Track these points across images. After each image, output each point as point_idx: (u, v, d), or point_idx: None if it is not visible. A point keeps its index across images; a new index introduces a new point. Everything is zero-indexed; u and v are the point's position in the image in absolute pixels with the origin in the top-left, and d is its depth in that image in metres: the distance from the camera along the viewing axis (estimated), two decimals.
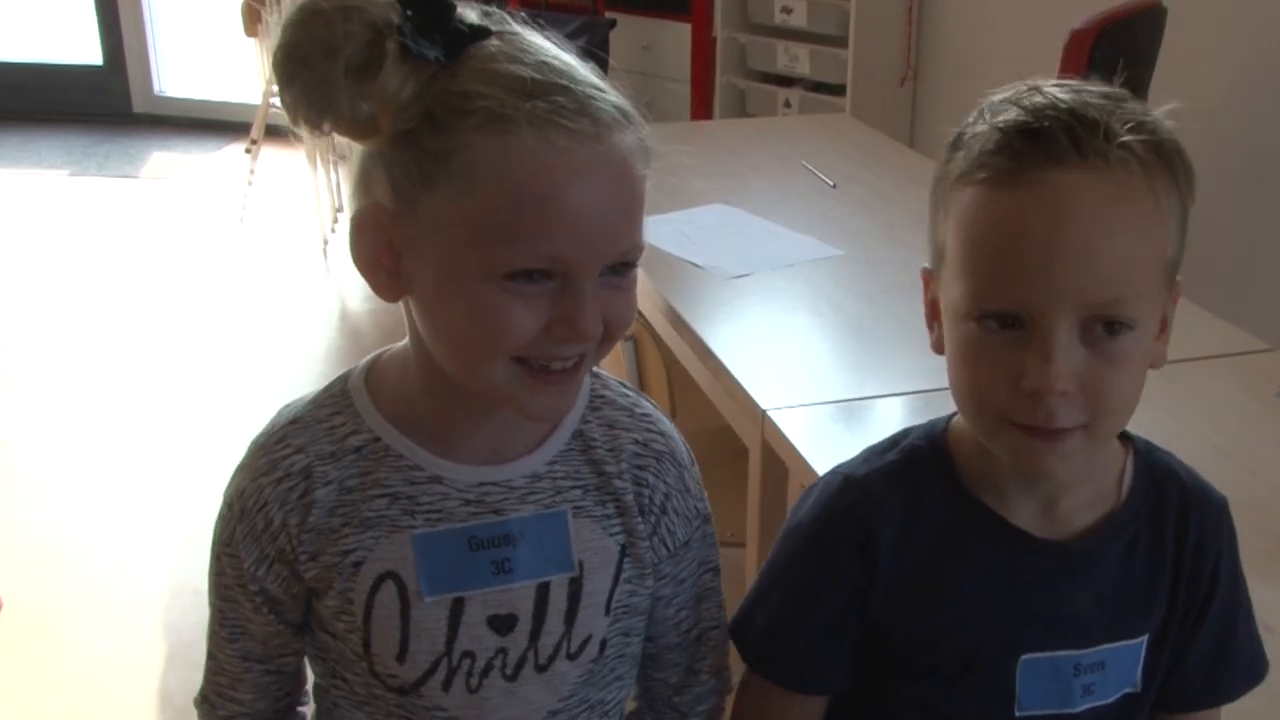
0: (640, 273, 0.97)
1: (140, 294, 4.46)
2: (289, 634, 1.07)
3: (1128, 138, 0.90)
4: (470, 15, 0.93)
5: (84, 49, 6.43)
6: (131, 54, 6.39)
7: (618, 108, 0.93)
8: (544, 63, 0.91)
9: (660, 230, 2.40)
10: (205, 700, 1.11)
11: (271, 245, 4.81)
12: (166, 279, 4.59)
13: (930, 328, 1.05)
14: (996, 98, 0.98)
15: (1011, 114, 0.93)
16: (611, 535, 1.05)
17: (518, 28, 0.95)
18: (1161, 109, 0.95)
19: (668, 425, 1.11)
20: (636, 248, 0.95)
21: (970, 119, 0.98)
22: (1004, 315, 0.92)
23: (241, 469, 1.04)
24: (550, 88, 0.90)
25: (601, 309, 0.93)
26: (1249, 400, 1.88)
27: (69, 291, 4.48)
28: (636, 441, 1.07)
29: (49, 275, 4.62)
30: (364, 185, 0.96)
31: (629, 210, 0.93)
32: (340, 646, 1.04)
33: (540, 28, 0.96)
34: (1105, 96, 0.93)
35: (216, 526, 1.06)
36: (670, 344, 2.19)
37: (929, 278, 1.04)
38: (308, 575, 1.01)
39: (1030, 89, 0.95)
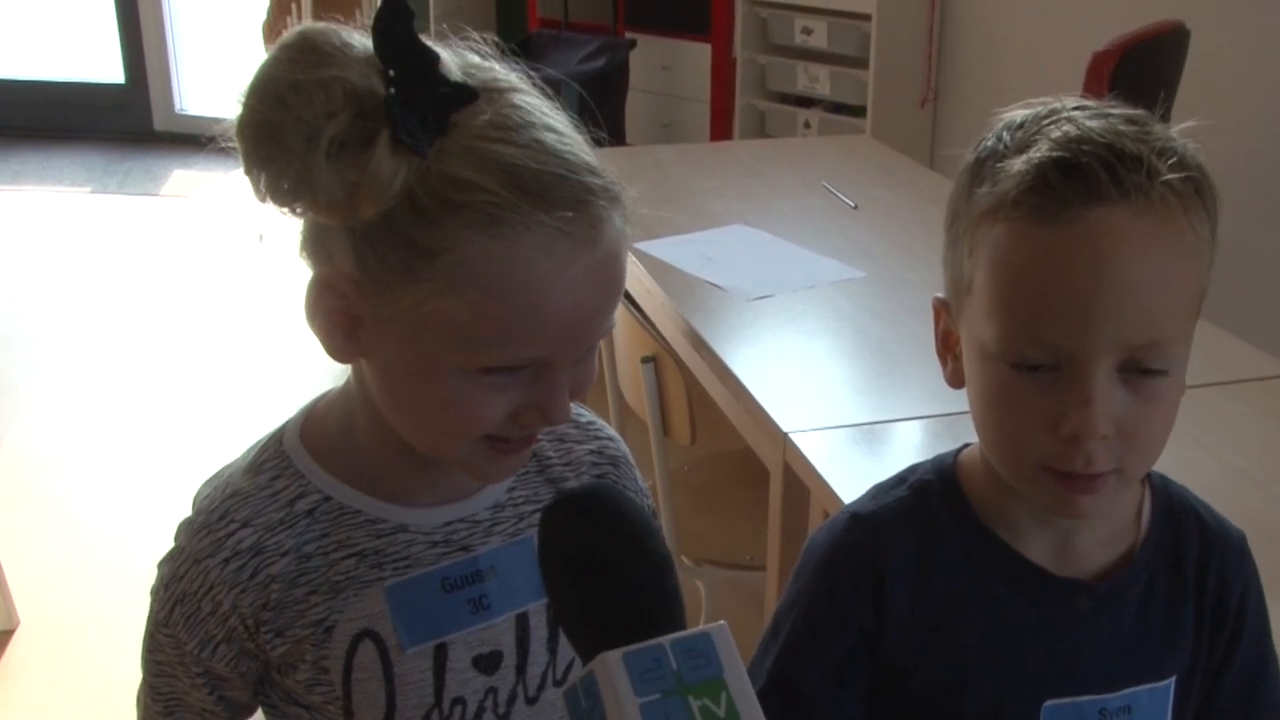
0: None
1: (161, 312, 4.47)
2: (226, 712, 1.01)
3: (1169, 176, 0.87)
4: (454, 71, 0.85)
5: (106, 67, 6.48)
6: (153, 72, 6.44)
7: (608, 190, 0.86)
8: (537, 140, 0.84)
9: (680, 251, 2.40)
10: None
11: (291, 263, 4.81)
12: (187, 297, 4.60)
13: (943, 360, 1.01)
14: (1015, 116, 0.94)
15: (1044, 147, 0.88)
16: None
17: (501, 76, 0.88)
18: (1180, 126, 0.92)
19: (611, 429, 1.10)
20: (611, 326, 0.91)
21: (989, 141, 0.94)
22: (1039, 359, 0.89)
23: (179, 550, 0.97)
24: (547, 181, 0.82)
25: (569, 382, 0.89)
26: (1275, 425, 1.87)
27: (90, 309, 4.49)
28: (592, 451, 1.06)
29: (70, 293, 4.63)
30: (319, 246, 0.89)
31: (615, 301, 0.89)
32: (315, 718, 0.99)
33: (528, 75, 0.89)
34: (1130, 121, 0.90)
35: (152, 603, 0.99)
36: (690, 365, 2.18)
37: (943, 308, 1.00)
38: (274, 653, 0.96)
39: (1050, 112, 0.92)
